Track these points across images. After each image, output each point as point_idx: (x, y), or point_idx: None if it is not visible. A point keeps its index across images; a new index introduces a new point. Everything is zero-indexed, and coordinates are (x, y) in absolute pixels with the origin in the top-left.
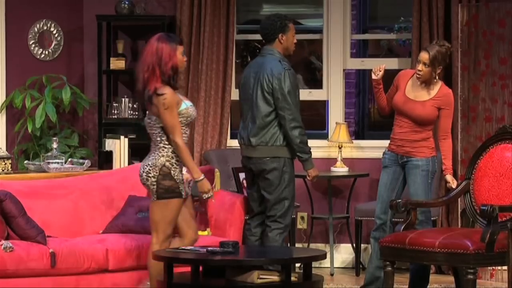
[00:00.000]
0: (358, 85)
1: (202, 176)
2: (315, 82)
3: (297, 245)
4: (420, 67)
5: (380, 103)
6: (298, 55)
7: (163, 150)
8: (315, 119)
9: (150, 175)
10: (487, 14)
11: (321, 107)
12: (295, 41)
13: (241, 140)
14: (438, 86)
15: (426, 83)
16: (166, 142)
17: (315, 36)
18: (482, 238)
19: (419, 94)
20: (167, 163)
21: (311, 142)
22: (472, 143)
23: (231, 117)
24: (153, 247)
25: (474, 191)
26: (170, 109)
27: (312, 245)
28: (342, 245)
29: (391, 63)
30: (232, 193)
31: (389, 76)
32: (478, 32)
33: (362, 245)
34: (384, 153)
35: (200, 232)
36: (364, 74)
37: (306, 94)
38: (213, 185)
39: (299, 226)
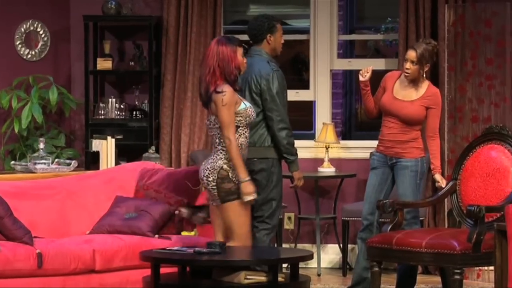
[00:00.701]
0: (345, 85)
1: (247, 178)
2: (302, 82)
3: (284, 245)
4: (407, 65)
5: (368, 106)
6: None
7: (221, 152)
8: (302, 119)
9: (209, 179)
10: (473, 14)
11: (308, 107)
12: (282, 41)
13: None
14: (426, 86)
15: (414, 82)
16: (224, 144)
17: (302, 37)
18: (469, 238)
19: (407, 94)
20: (225, 166)
21: (298, 143)
22: (458, 143)
23: None
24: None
25: (460, 192)
26: (227, 106)
27: (299, 246)
28: (329, 245)
29: (378, 63)
30: None
31: (376, 76)
32: (465, 33)
33: (349, 246)
34: (372, 154)
35: (186, 233)
36: (351, 75)
37: (293, 95)
38: (200, 185)
39: (286, 227)
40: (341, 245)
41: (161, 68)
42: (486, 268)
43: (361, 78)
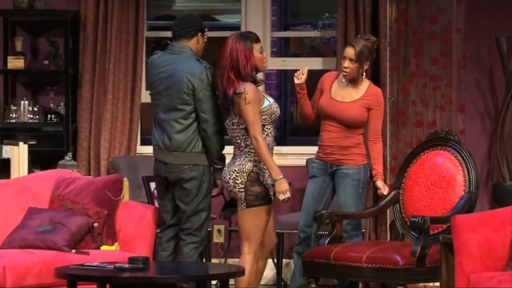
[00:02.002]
0: (279, 86)
1: (281, 176)
2: None
3: (213, 260)
4: (346, 63)
5: (305, 110)
6: (214, 54)
7: (249, 154)
8: None
9: (237, 181)
10: (417, 10)
11: None
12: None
13: (155, 142)
14: (366, 85)
15: (353, 82)
16: (252, 146)
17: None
18: (413, 252)
19: (346, 94)
20: (255, 168)
21: (227, 149)
22: (401, 149)
23: (141, 121)
24: (245, 257)
25: (404, 202)
26: (252, 104)
27: (230, 261)
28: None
29: (315, 63)
30: (142, 204)
31: (314, 77)
32: (408, 29)
33: (284, 261)
34: (312, 162)
35: (106, 247)
36: (286, 75)
37: None
38: (122, 195)
39: (215, 240)
40: (275, 260)
41: (78, 67)
42: (431, 284)
43: (296, 81)
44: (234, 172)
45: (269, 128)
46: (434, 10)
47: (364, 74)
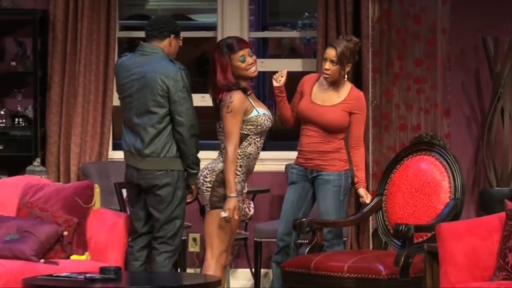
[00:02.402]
0: (257, 89)
1: (234, 194)
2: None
3: (188, 270)
4: (327, 65)
5: (284, 114)
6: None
7: (223, 156)
8: (208, 127)
9: (206, 179)
10: (401, 9)
11: (215, 114)
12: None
13: (126, 147)
14: (348, 89)
15: (335, 85)
16: None
17: (209, 34)
18: (396, 261)
19: (327, 98)
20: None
21: (203, 154)
22: (384, 154)
23: (113, 125)
24: (208, 263)
25: (387, 209)
26: (233, 114)
27: None
28: (239, 270)
29: (295, 64)
30: (114, 211)
31: (293, 79)
32: (391, 30)
33: (262, 270)
34: (291, 168)
35: (76, 257)
36: (264, 77)
37: (198, 100)
38: (93, 202)
39: (190, 249)
40: (253, 269)
41: (47, 69)
42: None
43: (275, 84)
44: (206, 170)
45: (255, 138)
46: (418, 10)
47: (346, 76)
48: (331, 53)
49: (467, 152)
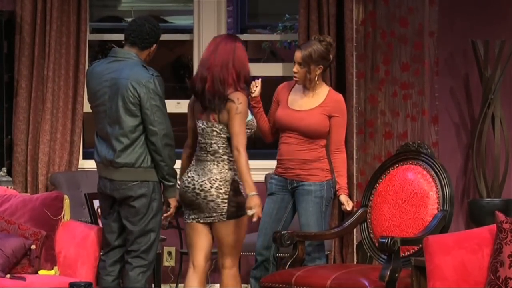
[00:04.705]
0: None
1: (255, 192)
2: (184, 91)
3: (163, 286)
4: (295, 68)
5: (262, 127)
6: (165, 59)
7: (228, 163)
8: (183, 135)
9: (221, 191)
10: (386, 11)
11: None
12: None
13: (98, 159)
14: (326, 92)
15: (310, 89)
16: (231, 155)
17: (184, 37)
18: (381, 276)
19: (304, 103)
20: (236, 177)
21: (178, 164)
22: (369, 163)
23: (83, 133)
24: (232, 271)
25: (372, 221)
26: (241, 115)
27: (181, 286)
28: (217, 285)
29: (275, 68)
30: (84, 224)
31: (273, 84)
32: (376, 33)
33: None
34: (270, 178)
35: (45, 272)
36: None
37: (173, 106)
38: (62, 214)
39: (165, 263)
40: None
41: (14, 73)
42: None
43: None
44: (216, 181)
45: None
46: (404, 12)
47: (317, 79)
48: (297, 55)
49: (456, 161)
